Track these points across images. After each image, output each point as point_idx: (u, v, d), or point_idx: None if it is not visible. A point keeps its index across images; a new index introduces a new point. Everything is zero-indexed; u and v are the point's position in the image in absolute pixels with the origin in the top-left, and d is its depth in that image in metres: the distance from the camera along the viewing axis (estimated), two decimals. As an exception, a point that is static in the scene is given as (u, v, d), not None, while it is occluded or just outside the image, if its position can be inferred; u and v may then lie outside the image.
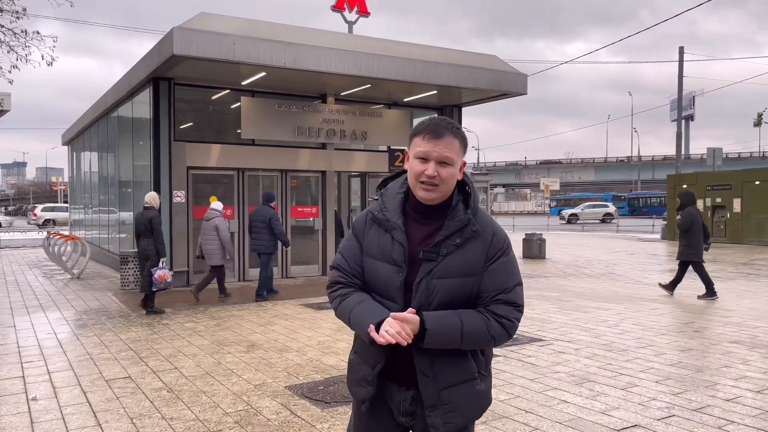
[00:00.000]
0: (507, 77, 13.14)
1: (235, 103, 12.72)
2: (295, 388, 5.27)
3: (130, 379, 5.59)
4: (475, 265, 2.00)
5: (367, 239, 2.09)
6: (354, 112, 13.42)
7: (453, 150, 2.00)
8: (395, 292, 2.01)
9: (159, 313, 8.84)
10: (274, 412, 4.68)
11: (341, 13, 12.62)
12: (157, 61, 10.53)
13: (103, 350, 6.71)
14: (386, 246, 2.03)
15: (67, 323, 8.33)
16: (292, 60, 10.45)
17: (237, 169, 12.56)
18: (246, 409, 4.73)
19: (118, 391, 5.21)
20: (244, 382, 5.45)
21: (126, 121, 14.54)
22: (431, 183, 1.98)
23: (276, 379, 5.54)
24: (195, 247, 12.07)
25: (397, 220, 2.04)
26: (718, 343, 6.83)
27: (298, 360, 6.22)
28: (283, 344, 6.92)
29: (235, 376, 5.66)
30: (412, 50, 12.25)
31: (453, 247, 1.99)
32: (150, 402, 4.93)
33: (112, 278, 13.28)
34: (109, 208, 16.74)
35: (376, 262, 2.05)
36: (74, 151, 23.38)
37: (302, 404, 4.85)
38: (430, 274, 1.97)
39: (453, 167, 2.01)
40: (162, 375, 5.70)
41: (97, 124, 17.99)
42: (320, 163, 13.33)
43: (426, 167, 1.98)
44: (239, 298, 10.30)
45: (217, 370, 5.87)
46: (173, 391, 5.21)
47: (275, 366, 6.00)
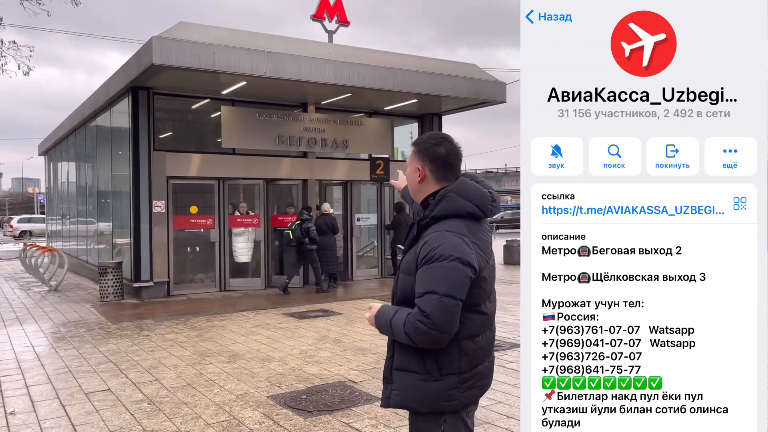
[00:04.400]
0: (486, 86, 13.28)
1: (215, 112, 12.69)
2: (278, 397, 5.27)
3: (110, 391, 5.54)
4: (411, 265, 2.26)
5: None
6: (335, 121, 13.46)
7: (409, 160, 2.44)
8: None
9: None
10: (256, 422, 4.68)
11: (321, 22, 12.67)
12: (136, 70, 10.49)
13: (82, 363, 6.65)
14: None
15: (45, 336, 8.23)
16: (272, 69, 10.47)
17: (218, 179, 12.51)
18: (228, 420, 4.73)
19: (97, 404, 5.17)
20: (226, 393, 5.43)
21: (104, 131, 14.42)
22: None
23: (258, 389, 5.53)
24: (175, 257, 12.01)
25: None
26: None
27: (281, 369, 6.22)
28: (265, 354, 6.91)
29: (217, 386, 5.65)
30: (393, 59, 12.34)
31: (409, 245, 2.33)
32: (130, 414, 4.90)
33: (90, 290, 13.13)
34: (88, 219, 16.55)
35: None
36: (51, 161, 23.10)
37: (285, 414, 4.85)
38: (399, 269, 2.37)
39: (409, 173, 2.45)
40: (143, 387, 5.66)
41: (74, 134, 17.81)
42: (302, 171, 13.33)
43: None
44: (220, 308, 10.25)
45: (199, 380, 5.85)
46: (154, 403, 5.19)
47: (257, 376, 5.99)
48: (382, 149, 14.07)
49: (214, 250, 12.46)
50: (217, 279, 12.52)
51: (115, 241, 13.40)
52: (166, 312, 9.92)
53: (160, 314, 9.70)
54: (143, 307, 10.55)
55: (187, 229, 12.25)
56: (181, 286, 12.18)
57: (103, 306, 10.74)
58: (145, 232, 11.51)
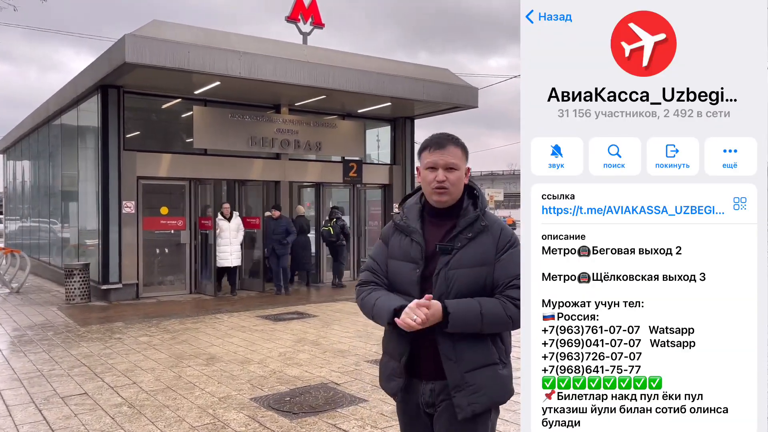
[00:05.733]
0: (459, 90, 13.37)
1: (186, 112, 12.49)
2: (261, 399, 5.20)
3: (87, 395, 5.39)
4: (486, 255, 2.26)
5: (391, 243, 2.40)
6: (308, 123, 13.39)
7: (456, 156, 2.30)
8: (412, 286, 2.27)
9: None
10: (242, 424, 4.60)
11: (296, 24, 12.57)
12: (107, 68, 10.25)
13: (53, 366, 6.45)
14: (406, 247, 2.33)
15: (11, 339, 7.97)
16: (247, 70, 10.35)
17: (189, 179, 12.30)
18: (213, 423, 4.64)
19: (75, 408, 5.01)
20: (208, 395, 5.33)
21: (70, 130, 14.06)
22: (442, 187, 2.27)
23: (240, 392, 5.44)
24: (145, 258, 11.77)
25: (416, 225, 2.34)
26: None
27: (261, 372, 6.13)
28: (244, 356, 6.81)
29: (198, 389, 5.54)
30: (367, 62, 12.32)
31: (465, 241, 2.26)
32: (111, 418, 4.77)
33: (54, 292, 12.76)
34: (51, 219, 16.10)
35: (398, 262, 2.35)
36: (10, 160, 22.42)
37: (270, 416, 4.78)
38: (447, 266, 2.24)
39: (459, 171, 2.30)
40: (120, 390, 5.51)
41: (37, 132, 17.31)
42: (274, 173, 13.21)
43: (436, 174, 2.27)
44: (193, 311, 10.07)
45: (178, 383, 5.73)
46: (134, 406, 5.06)
47: (238, 378, 5.89)
48: (354, 151, 14.04)
49: (184, 252, 12.25)
50: (187, 281, 12.31)
51: (82, 242, 13.05)
52: (136, 314, 9.70)
53: (130, 317, 9.48)
54: (112, 309, 10.30)
55: (157, 231, 12.01)
56: (151, 288, 11.93)
57: (70, 308, 10.45)
58: (114, 233, 11.25)
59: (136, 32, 9.50)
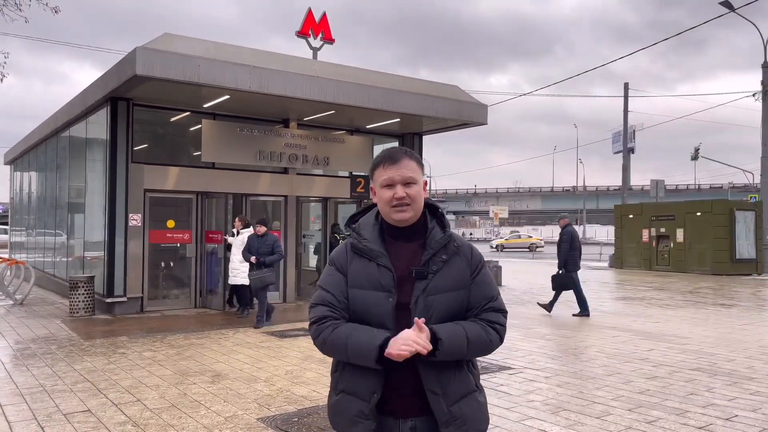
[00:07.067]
0: (468, 107, 13.35)
1: (195, 125, 12.48)
2: (269, 420, 5.09)
3: (90, 412, 5.29)
4: (462, 278, 2.14)
5: (351, 271, 2.14)
6: (316, 138, 13.37)
7: (412, 170, 2.14)
8: (387, 317, 2.06)
9: None
10: (249, 446, 4.50)
11: (306, 39, 12.61)
12: (116, 80, 10.26)
13: (56, 381, 6.35)
14: (373, 274, 2.10)
15: (15, 352, 7.88)
16: (257, 84, 10.35)
17: (196, 193, 12.27)
18: (220, 444, 4.53)
19: (78, 426, 4.91)
20: (214, 415, 5.23)
21: (79, 142, 14.06)
22: (402, 203, 2.11)
23: (247, 411, 5.33)
24: (150, 272, 11.71)
25: (380, 248, 2.14)
26: (680, 371, 6.97)
27: (268, 390, 6.02)
28: (250, 374, 6.70)
29: (203, 408, 5.43)
30: (377, 78, 12.32)
31: (440, 264, 2.11)
32: (115, 437, 4.67)
33: (58, 304, 12.69)
34: (56, 231, 16.07)
35: (364, 291, 2.10)
36: (17, 171, 22.45)
37: (278, 437, 4.67)
38: (425, 292, 2.07)
39: (417, 185, 2.15)
40: (124, 408, 5.41)
41: (45, 144, 17.34)
42: (282, 187, 13.17)
43: (394, 191, 2.11)
44: (198, 326, 9.98)
45: (183, 401, 5.62)
46: (138, 425, 4.95)
47: (244, 397, 5.79)
48: (362, 167, 14.00)
49: (190, 266, 12.19)
50: (193, 295, 12.23)
51: (86, 254, 13.00)
52: (140, 329, 9.61)
53: (134, 331, 9.39)
54: (116, 323, 10.21)
55: (163, 244, 11.96)
56: (155, 302, 11.86)
57: (74, 322, 10.36)
58: (119, 245, 11.21)
59: (147, 45, 9.51)
